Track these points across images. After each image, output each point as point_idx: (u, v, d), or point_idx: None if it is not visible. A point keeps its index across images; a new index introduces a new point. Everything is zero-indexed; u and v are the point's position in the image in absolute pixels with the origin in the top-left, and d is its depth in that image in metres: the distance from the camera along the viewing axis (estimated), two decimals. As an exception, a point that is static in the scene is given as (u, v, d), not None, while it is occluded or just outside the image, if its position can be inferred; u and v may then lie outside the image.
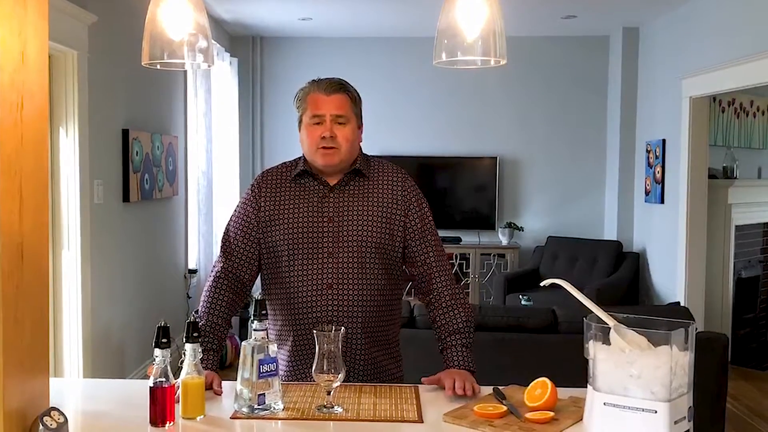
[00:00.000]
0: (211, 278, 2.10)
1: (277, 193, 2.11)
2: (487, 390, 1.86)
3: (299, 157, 2.15)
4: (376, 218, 2.07)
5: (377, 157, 2.23)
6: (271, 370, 1.71)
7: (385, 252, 2.07)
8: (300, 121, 2.11)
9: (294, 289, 2.05)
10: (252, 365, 1.69)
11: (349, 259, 2.03)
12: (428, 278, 2.10)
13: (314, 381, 1.76)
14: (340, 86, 2.08)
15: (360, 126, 2.13)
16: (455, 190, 7.18)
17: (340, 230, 2.05)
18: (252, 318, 1.74)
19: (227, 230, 2.14)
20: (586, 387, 1.49)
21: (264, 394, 1.70)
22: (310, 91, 2.09)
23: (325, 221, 2.05)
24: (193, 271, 5.96)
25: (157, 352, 1.62)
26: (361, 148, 2.15)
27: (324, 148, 2.04)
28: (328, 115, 2.04)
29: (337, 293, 2.03)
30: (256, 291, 2.13)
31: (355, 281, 2.03)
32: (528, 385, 1.76)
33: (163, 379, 1.62)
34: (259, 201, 2.10)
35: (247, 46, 7.26)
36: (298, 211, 2.07)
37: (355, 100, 2.09)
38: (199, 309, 2.08)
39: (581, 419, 1.57)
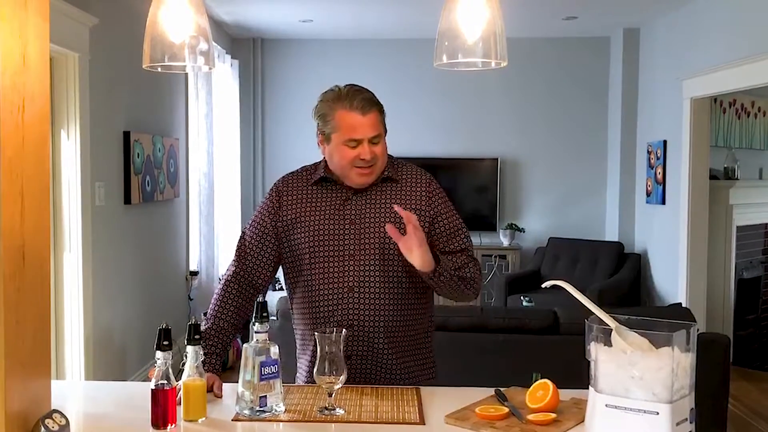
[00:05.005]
0: (222, 282, 2.10)
1: (298, 197, 2.09)
2: (488, 391, 1.86)
3: (318, 162, 2.12)
4: (399, 219, 2.02)
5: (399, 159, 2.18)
6: (273, 372, 1.71)
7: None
8: (327, 137, 2.03)
9: (316, 293, 2.03)
10: (253, 367, 1.69)
11: (372, 261, 2.01)
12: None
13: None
14: (371, 102, 2.00)
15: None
16: (456, 191, 7.17)
17: (362, 233, 2.02)
18: (253, 320, 1.74)
19: (243, 234, 2.13)
20: (588, 388, 1.49)
21: (265, 396, 1.70)
22: (337, 108, 1.99)
23: (347, 224, 2.04)
24: (195, 273, 5.96)
25: (159, 354, 1.62)
26: None
27: (362, 167, 2.00)
28: (366, 139, 1.98)
29: (359, 296, 2.01)
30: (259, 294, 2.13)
31: (377, 284, 2.01)
32: (530, 387, 1.76)
33: (165, 382, 1.61)
34: (278, 207, 2.08)
35: (247, 48, 7.27)
36: (320, 214, 2.05)
37: (383, 111, 2.04)
38: (208, 311, 2.07)
39: (583, 421, 1.57)
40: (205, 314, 2.07)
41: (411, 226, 1.88)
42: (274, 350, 1.72)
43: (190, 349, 1.68)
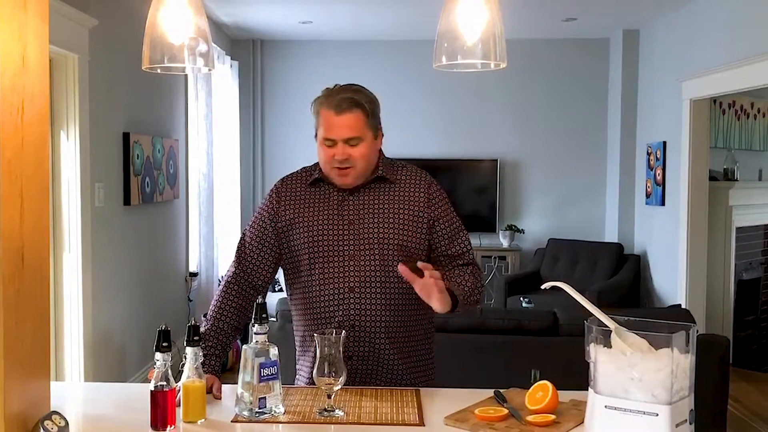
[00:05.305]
0: (222, 283, 2.10)
1: (296, 198, 2.09)
2: (488, 393, 1.86)
3: (317, 163, 2.12)
4: (398, 219, 2.03)
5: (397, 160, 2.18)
6: (272, 374, 1.71)
7: (409, 253, 2.02)
8: (315, 134, 2.06)
9: (315, 294, 2.03)
10: (253, 369, 1.69)
11: (371, 261, 2.01)
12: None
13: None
14: (351, 102, 1.97)
15: (378, 134, 2.06)
16: (456, 192, 7.16)
17: (360, 233, 2.02)
18: (253, 321, 1.74)
19: (243, 236, 2.13)
20: (587, 390, 1.49)
21: (265, 398, 1.70)
22: (322, 106, 2.00)
23: (346, 224, 2.03)
24: (194, 274, 5.96)
25: (158, 355, 1.62)
26: (382, 153, 2.11)
27: (339, 168, 2.00)
28: (340, 140, 1.98)
29: (359, 296, 2.00)
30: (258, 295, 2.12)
31: (378, 284, 2.01)
32: (528, 385, 1.76)
33: (164, 383, 1.61)
34: (277, 208, 2.08)
35: (247, 49, 7.27)
36: (318, 214, 2.05)
37: (368, 112, 2.00)
38: (208, 313, 2.07)
39: (582, 422, 1.57)
40: (204, 315, 2.07)
41: (433, 280, 1.84)
42: (274, 351, 1.72)
43: (189, 350, 1.68)
